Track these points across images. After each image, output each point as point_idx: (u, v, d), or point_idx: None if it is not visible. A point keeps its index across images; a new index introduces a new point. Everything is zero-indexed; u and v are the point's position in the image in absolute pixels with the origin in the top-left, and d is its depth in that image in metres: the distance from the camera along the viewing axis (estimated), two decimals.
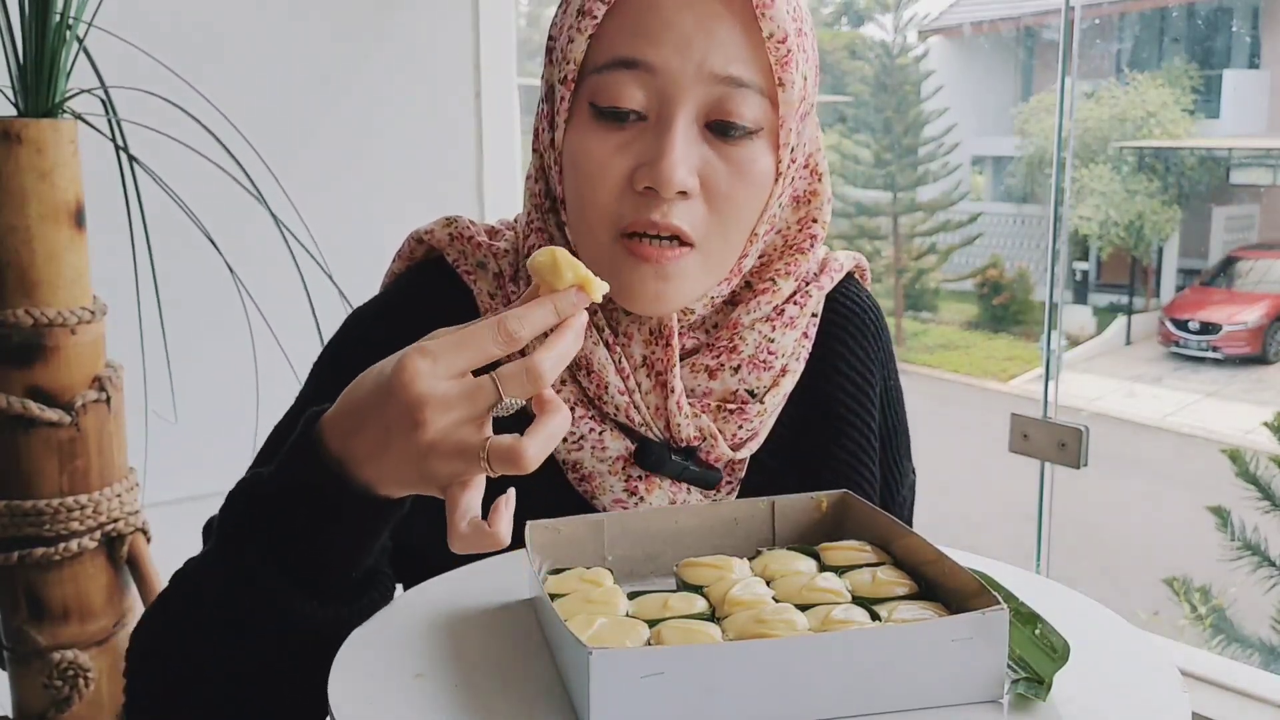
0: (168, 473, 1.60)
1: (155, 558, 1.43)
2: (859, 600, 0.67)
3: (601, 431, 0.84)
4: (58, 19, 1.31)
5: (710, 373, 0.86)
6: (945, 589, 0.66)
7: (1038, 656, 0.62)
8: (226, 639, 0.72)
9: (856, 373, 0.94)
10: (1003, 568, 0.76)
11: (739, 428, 0.86)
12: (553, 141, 0.83)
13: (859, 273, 0.99)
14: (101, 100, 1.41)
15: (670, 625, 0.63)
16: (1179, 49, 7.67)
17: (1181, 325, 7.42)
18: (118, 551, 1.40)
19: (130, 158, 1.41)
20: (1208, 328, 7.22)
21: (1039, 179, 8.67)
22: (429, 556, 0.73)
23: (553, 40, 0.84)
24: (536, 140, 0.87)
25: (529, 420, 0.64)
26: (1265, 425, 2.76)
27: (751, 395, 0.87)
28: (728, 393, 0.86)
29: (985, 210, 9.20)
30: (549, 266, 0.66)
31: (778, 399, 0.88)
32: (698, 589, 0.70)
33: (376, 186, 2.14)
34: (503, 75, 2.30)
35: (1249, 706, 1.77)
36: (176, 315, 1.51)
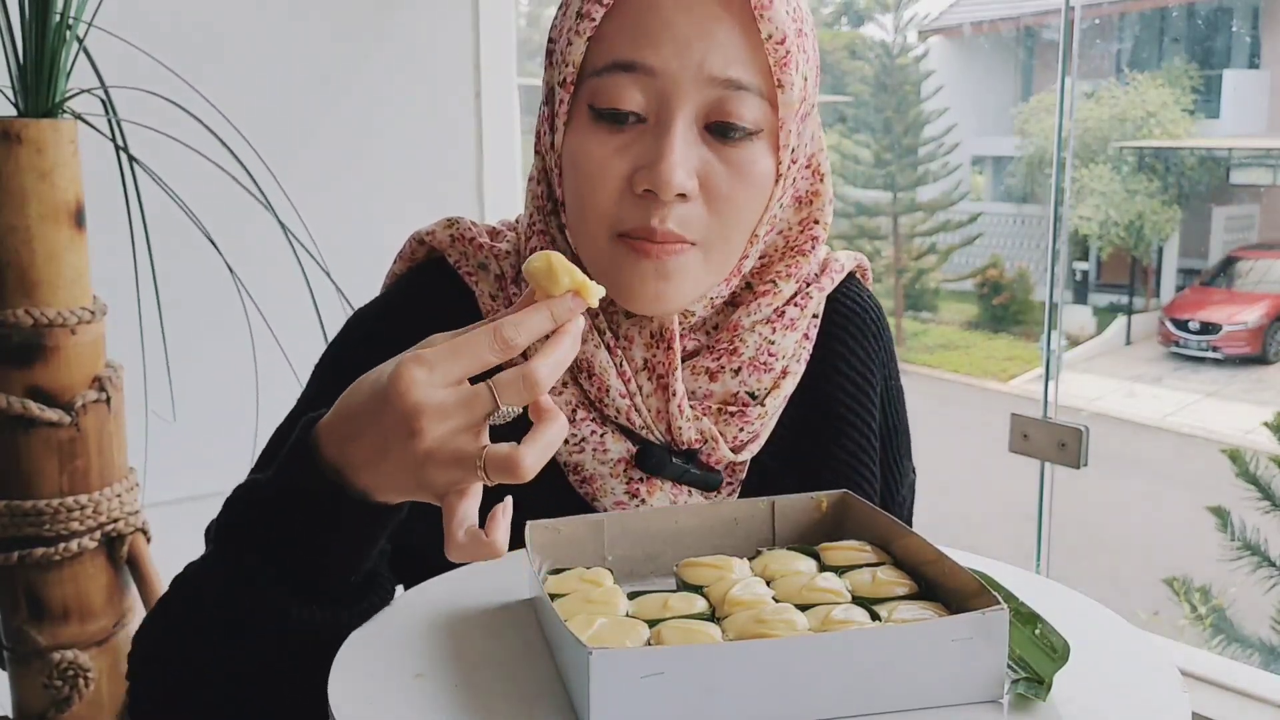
0: (168, 473, 1.60)
1: (155, 558, 1.43)
2: (859, 600, 0.67)
3: (603, 434, 0.84)
4: (58, 19, 1.31)
5: (711, 375, 0.86)
6: (945, 589, 0.66)
7: (1038, 656, 0.62)
8: (227, 642, 0.72)
9: (857, 373, 0.94)
10: (1003, 568, 0.76)
11: (740, 430, 0.86)
12: (553, 144, 0.83)
13: (860, 272, 0.99)
14: (101, 100, 1.41)
15: (670, 625, 0.63)
16: (1179, 49, 7.67)
17: (1181, 325, 7.42)
18: (118, 551, 1.40)
19: (130, 158, 1.41)
20: (1208, 328, 7.21)
21: (1039, 179, 8.66)
22: (429, 558, 0.73)
23: (552, 43, 0.84)
24: (538, 142, 0.87)
25: (527, 427, 0.64)
26: (1265, 425, 2.76)
27: (752, 397, 0.86)
28: (728, 395, 0.86)
29: (985, 210, 9.20)
30: (545, 272, 0.65)
31: (778, 401, 0.87)
32: (698, 589, 0.70)
33: (376, 186, 2.14)
34: (503, 75, 2.30)
35: (1249, 706, 1.77)
36: (176, 315, 1.51)
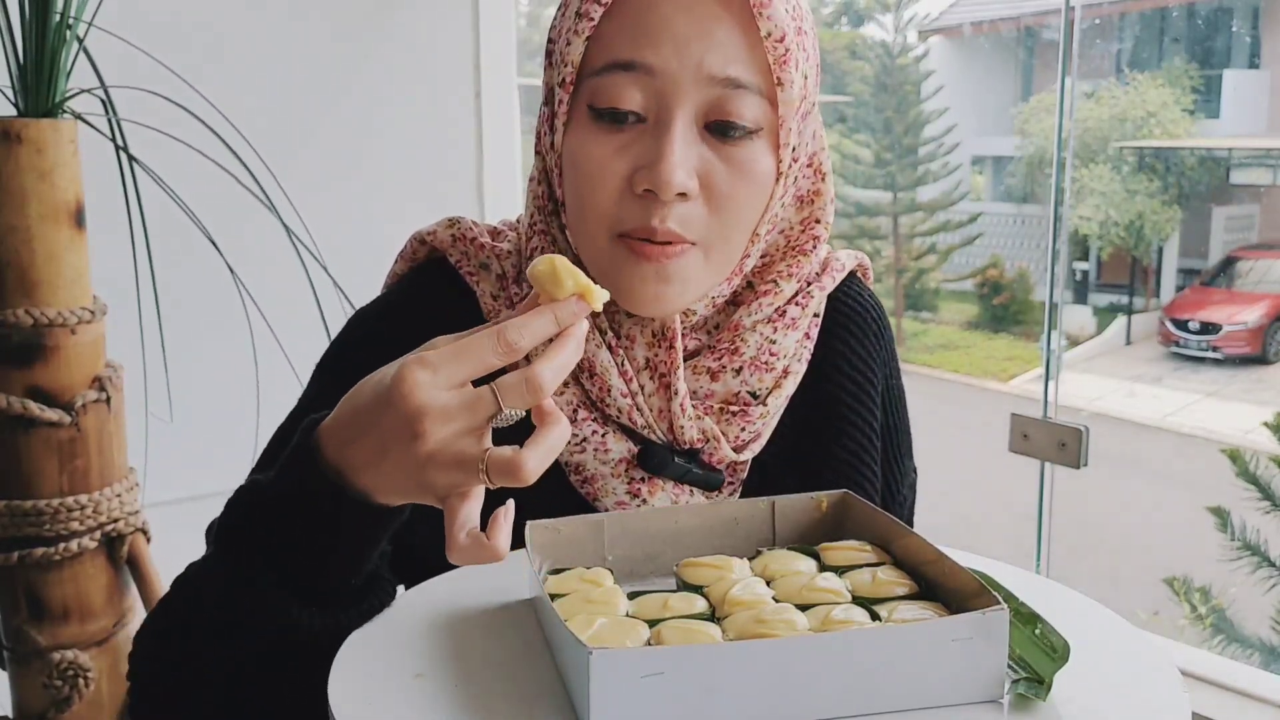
0: (168, 473, 1.60)
1: (155, 558, 1.43)
2: (859, 600, 0.67)
3: (604, 434, 0.84)
4: (58, 19, 1.31)
5: (712, 375, 0.85)
6: (945, 589, 0.66)
7: (1038, 656, 0.62)
8: (227, 643, 0.72)
9: (858, 371, 0.93)
10: (1003, 568, 0.76)
11: (742, 430, 0.86)
12: (553, 144, 0.83)
13: (861, 271, 0.99)
14: (101, 100, 1.41)
15: (670, 625, 0.63)
16: (1179, 49, 7.67)
17: (1181, 325, 7.42)
18: (118, 551, 1.40)
19: (130, 158, 1.41)
20: (1208, 328, 7.21)
21: (1039, 179, 8.66)
22: (430, 559, 0.73)
23: (552, 43, 0.84)
24: (538, 142, 0.87)
25: (529, 430, 0.64)
26: (1265, 425, 2.76)
27: (754, 397, 0.86)
28: (730, 394, 0.86)
29: (985, 210, 9.20)
30: (549, 275, 0.65)
31: (780, 400, 0.87)
32: (698, 589, 0.70)
33: (376, 186, 2.14)
34: (503, 75, 2.30)
35: (1249, 706, 1.77)
36: (177, 315, 1.51)
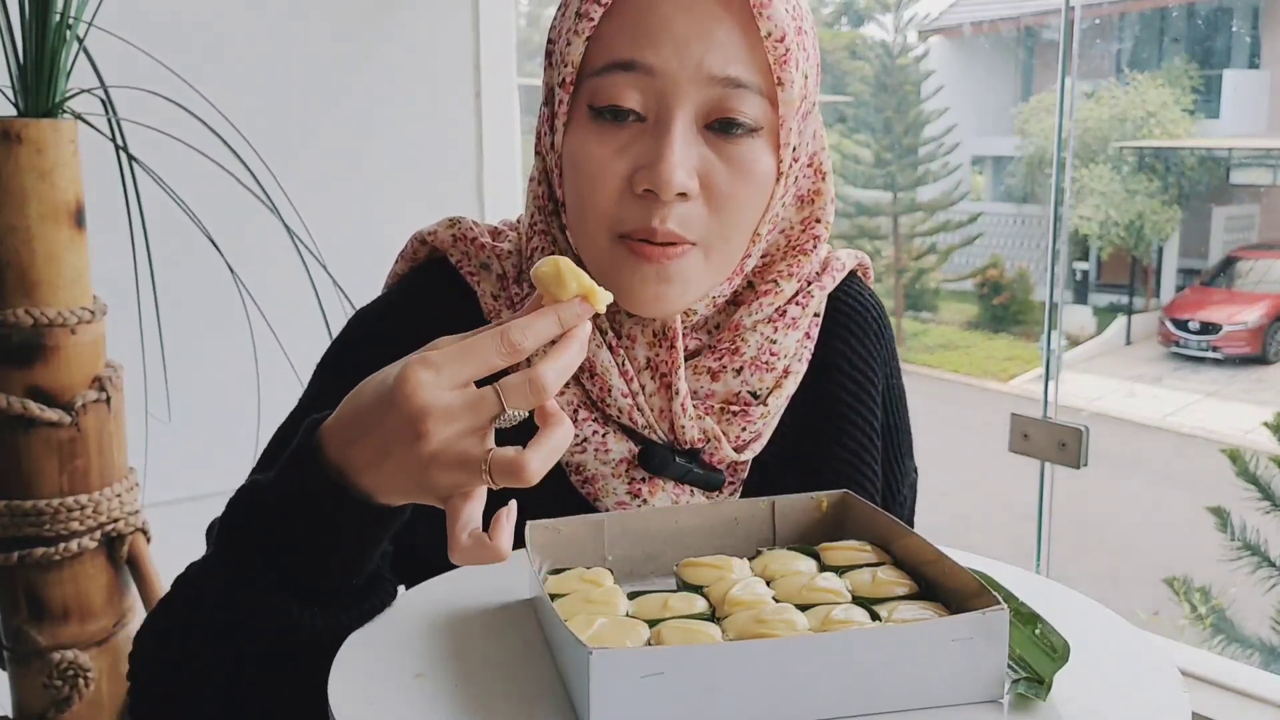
0: (168, 473, 1.60)
1: (155, 558, 1.43)
2: (859, 600, 0.67)
3: (605, 434, 0.84)
4: (58, 19, 1.31)
5: (713, 374, 0.85)
6: (945, 589, 0.66)
7: (1038, 656, 0.62)
8: (227, 642, 0.72)
9: (859, 371, 0.93)
10: (1003, 568, 0.76)
11: (742, 430, 0.86)
12: (553, 144, 0.83)
13: (861, 271, 0.99)
14: (101, 100, 1.41)
15: (670, 625, 0.63)
16: (1179, 49, 7.66)
17: (1181, 325, 7.41)
18: (118, 551, 1.40)
19: (130, 157, 1.41)
20: (1208, 328, 7.21)
21: (1039, 179, 8.66)
22: (431, 560, 0.73)
23: (551, 43, 0.84)
24: (538, 143, 0.87)
25: (532, 430, 0.64)
26: (1265, 425, 2.76)
27: (754, 397, 0.86)
28: (730, 394, 0.86)
29: (985, 210, 9.19)
30: (553, 277, 0.65)
31: (780, 400, 0.87)
32: (698, 589, 0.70)
33: (376, 186, 2.14)
34: (503, 75, 2.30)
35: (1249, 706, 1.77)
36: (177, 315, 1.51)
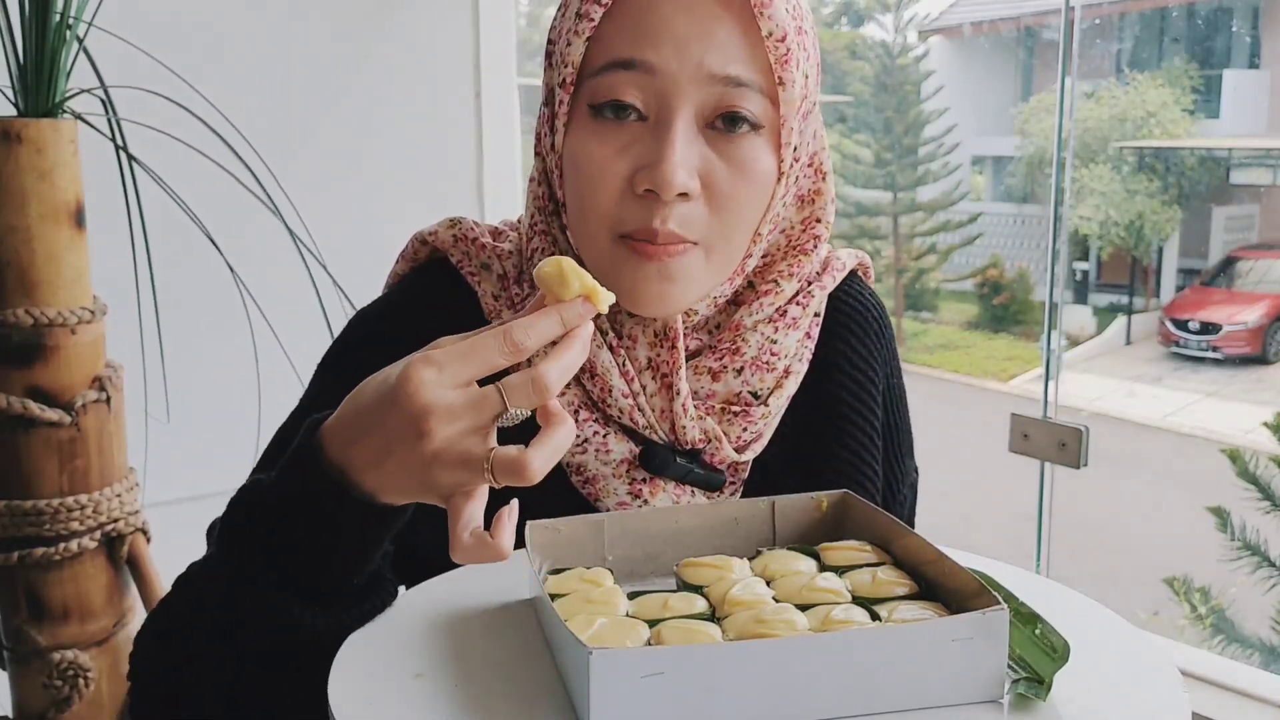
0: (168, 473, 1.60)
1: (155, 558, 1.43)
2: (859, 600, 0.67)
3: (605, 435, 0.84)
4: (58, 19, 1.31)
5: (713, 375, 0.85)
6: (945, 589, 0.66)
7: (1038, 656, 0.62)
8: (228, 643, 0.72)
9: (859, 371, 0.93)
10: (1003, 568, 0.76)
11: (743, 430, 0.86)
12: (553, 145, 0.83)
13: (862, 270, 0.99)
14: (101, 100, 1.41)
15: (670, 625, 0.63)
16: (1179, 49, 7.66)
17: (1181, 325, 7.41)
18: (118, 551, 1.40)
19: (130, 157, 1.41)
20: (1208, 328, 7.21)
21: (1039, 179, 8.66)
22: (432, 559, 0.73)
23: (551, 44, 0.84)
24: (538, 144, 0.87)
25: (533, 430, 0.64)
26: (1265, 425, 2.76)
27: (755, 397, 0.86)
28: (731, 395, 0.86)
29: (985, 210, 9.19)
30: (556, 277, 0.66)
31: (781, 401, 0.87)
32: (698, 589, 0.70)
33: (376, 186, 2.14)
34: (503, 75, 2.30)
35: (1249, 706, 1.77)
36: (177, 315, 1.51)
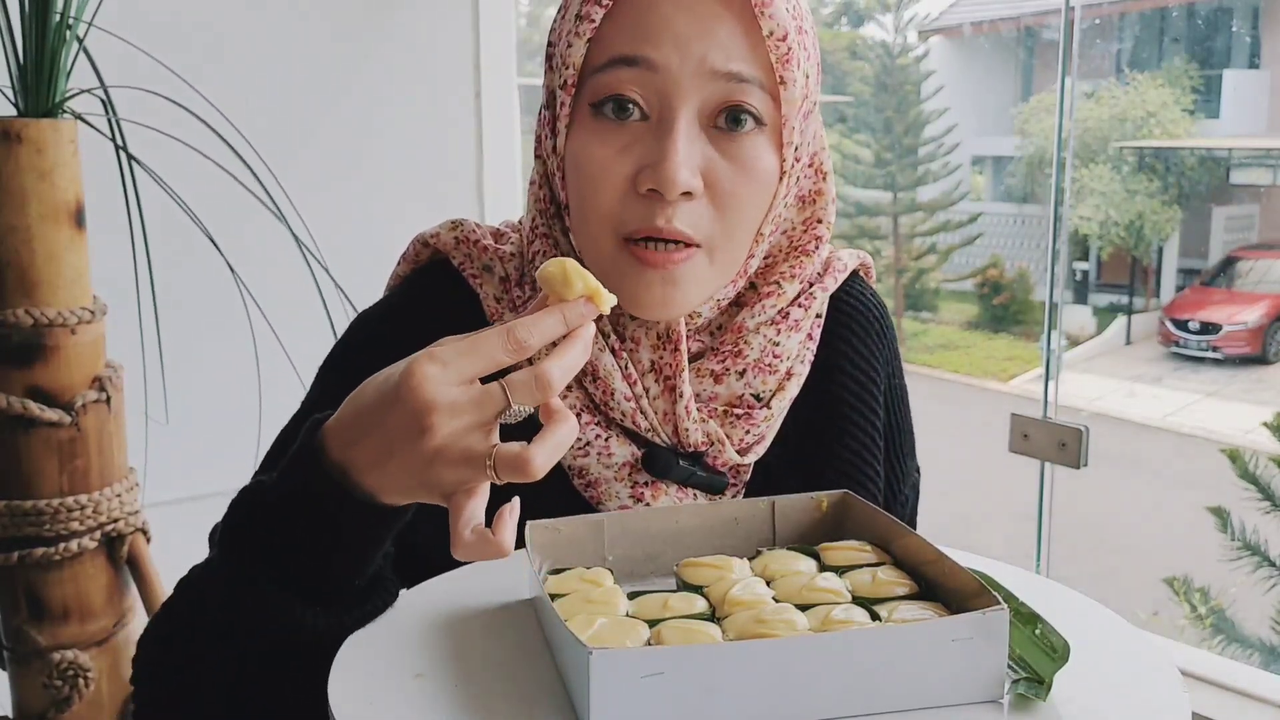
0: (168, 473, 1.60)
1: (155, 558, 1.43)
2: (859, 600, 0.67)
3: (608, 438, 0.84)
4: (58, 19, 1.31)
5: (716, 377, 0.85)
6: (945, 589, 0.66)
7: (1038, 656, 0.62)
8: (230, 645, 0.72)
9: (861, 371, 0.93)
10: (1003, 568, 0.76)
11: (746, 432, 0.86)
12: (555, 147, 0.83)
13: (863, 271, 0.99)
14: (101, 100, 1.41)
15: (670, 625, 0.63)
16: (1179, 49, 7.66)
17: (1181, 325, 7.41)
18: (118, 551, 1.40)
19: (130, 157, 1.41)
20: (1208, 328, 7.20)
21: (1039, 179, 8.65)
22: (433, 559, 0.73)
23: (552, 46, 0.84)
24: (539, 146, 0.87)
25: (535, 429, 0.64)
26: (1265, 425, 2.76)
27: (757, 399, 0.86)
28: (733, 397, 0.86)
29: (985, 210, 9.19)
30: (559, 277, 0.66)
31: (783, 403, 0.87)
32: (698, 589, 0.70)
33: (376, 186, 2.14)
34: (503, 75, 2.30)
35: (1249, 706, 1.77)
36: (177, 315, 1.51)
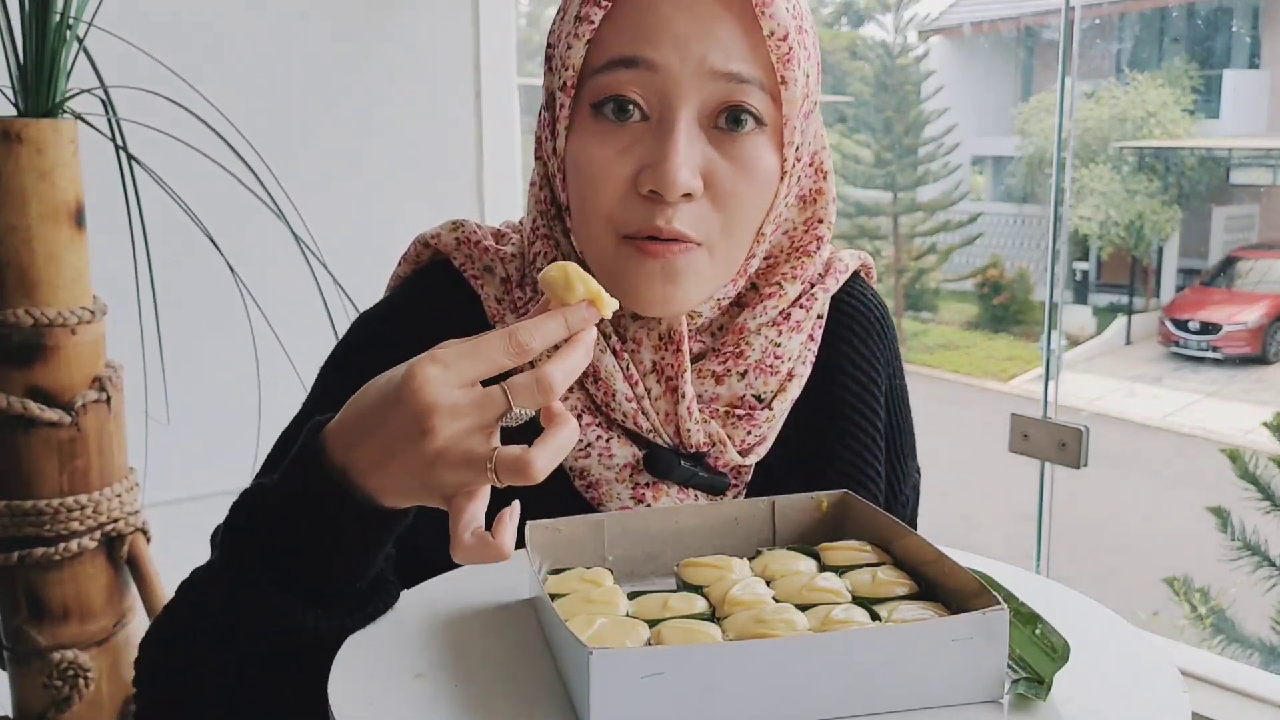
0: (168, 473, 1.60)
1: (155, 558, 1.43)
2: (859, 600, 0.67)
3: (609, 439, 0.84)
4: (58, 19, 1.31)
5: (717, 378, 0.85)
6: (945, 589, 0.66)
7: (1038, 656, 0.62)
8: (232, 647, 0.72)
9: (862, 372, 0.93)
10: (1003, 568, 0.76)
11: (747, 433, 0.86)
12: (555, 149, 0.83)
13: (864, 271, 0.98)
14: (101, 100, 1.41)
15: (670, 625, 0.63)
16: (1179, 49, 7.66)
17: (1181, 325, 7.41)
18: (118, 551, 1.40)
19: (130, 157, 1.41)
20: (1208, 328, 7.20)
21: (1039, 179, 8.65)
22: (434, 561, 0.73)
23: (551, 48, 0.83)
24: (539, 148, 0.87)
25: (536, 432, 0.64)
26: (1265, 425, 2.76)
27: (758, 400, 0.86)
28: (735, 398, 0.86)
29: (985, 210, 9.18)
30: (560, 282, 0.66)
31: (785, 404, 0.87)
32: (698, 589, 0.70)
33: (376, 186, 2.14)
34: (503, 75, 2.30)
35: (1249, 706, 1.77)
36: (177, 315, 1.51)
